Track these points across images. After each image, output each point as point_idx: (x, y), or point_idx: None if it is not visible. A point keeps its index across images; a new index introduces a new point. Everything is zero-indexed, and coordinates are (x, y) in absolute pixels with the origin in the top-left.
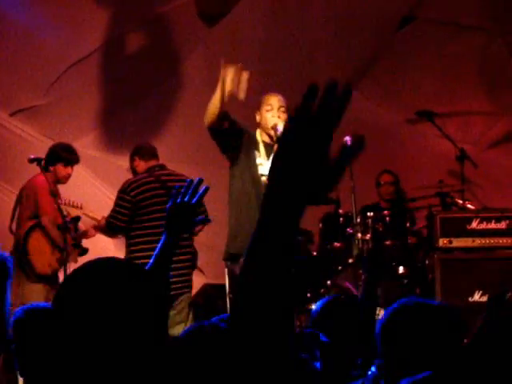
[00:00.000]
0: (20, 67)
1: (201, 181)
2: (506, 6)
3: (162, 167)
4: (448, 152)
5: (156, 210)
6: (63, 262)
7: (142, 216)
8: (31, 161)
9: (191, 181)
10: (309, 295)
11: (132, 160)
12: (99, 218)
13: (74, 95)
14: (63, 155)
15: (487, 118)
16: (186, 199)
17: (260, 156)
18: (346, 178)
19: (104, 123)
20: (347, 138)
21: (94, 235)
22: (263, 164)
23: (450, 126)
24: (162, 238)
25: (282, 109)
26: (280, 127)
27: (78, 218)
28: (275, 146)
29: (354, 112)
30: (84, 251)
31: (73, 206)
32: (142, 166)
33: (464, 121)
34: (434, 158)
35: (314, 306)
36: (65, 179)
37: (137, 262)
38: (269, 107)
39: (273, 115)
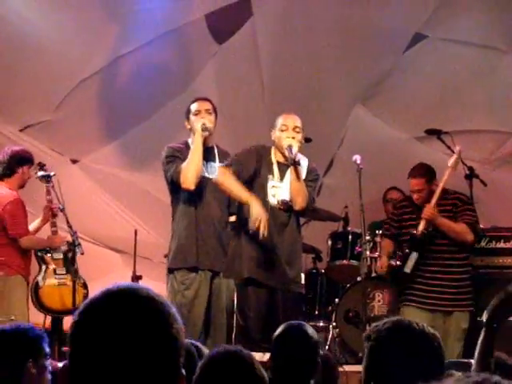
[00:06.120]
0: (30, 83)
1: None
2: None
3: None
4: (457, 170)
5: None
6: None
7: None
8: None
9: None
10: (316, 313)
11: None
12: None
13: (84, 111)
14: (27, 156)
15: (497, 136)
16: None
17: (273, 178)
18: (356, 195)
19: (114, 139)
20: (356, 157)
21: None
22: (277, 186)
23: (459, 145)
24: None
25: (297, 129)
26: (294, 149)
27: None
28: (290, 168)
29: (363, 129)
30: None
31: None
32: None
33: (473, 139)
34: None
35: (321, 323)
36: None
37: None
38: (284, 127)
39: (287, 136)
